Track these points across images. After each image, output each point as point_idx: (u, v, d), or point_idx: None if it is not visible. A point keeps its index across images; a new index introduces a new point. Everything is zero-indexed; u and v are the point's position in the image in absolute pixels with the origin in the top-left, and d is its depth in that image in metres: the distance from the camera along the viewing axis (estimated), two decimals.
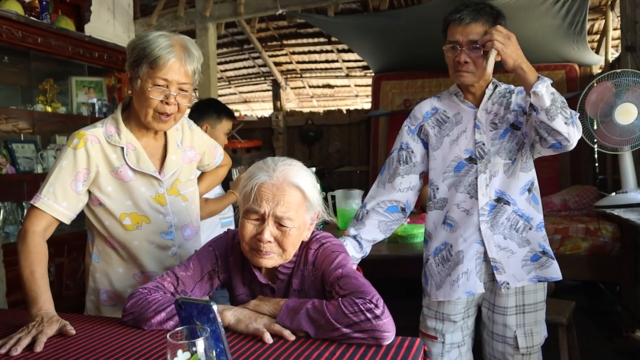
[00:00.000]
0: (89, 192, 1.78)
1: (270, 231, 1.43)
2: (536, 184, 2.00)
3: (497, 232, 1.94)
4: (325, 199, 3.42)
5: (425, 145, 2.09)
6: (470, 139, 1.97)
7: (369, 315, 1.24)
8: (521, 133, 1.96)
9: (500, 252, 1.94)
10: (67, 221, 1.73)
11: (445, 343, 2.03)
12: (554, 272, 1.97)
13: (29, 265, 1.63)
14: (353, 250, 2.07)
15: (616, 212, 3.32)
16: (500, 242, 1.94)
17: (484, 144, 1.96)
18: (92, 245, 1.88)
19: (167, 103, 1.71)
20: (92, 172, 1.77)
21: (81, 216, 1.83)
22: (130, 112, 1.85)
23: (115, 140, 1.81)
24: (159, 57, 1.67)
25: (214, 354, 1.01)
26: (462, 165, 1.98)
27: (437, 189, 2.04)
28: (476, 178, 1.95)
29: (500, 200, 1.94)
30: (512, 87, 2.04)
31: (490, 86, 2.01)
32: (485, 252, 1.95)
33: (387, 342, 1.25)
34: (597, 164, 5.46)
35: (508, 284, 1.93)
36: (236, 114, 7.60)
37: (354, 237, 2.10)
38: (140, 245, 1.82)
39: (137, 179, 1.80)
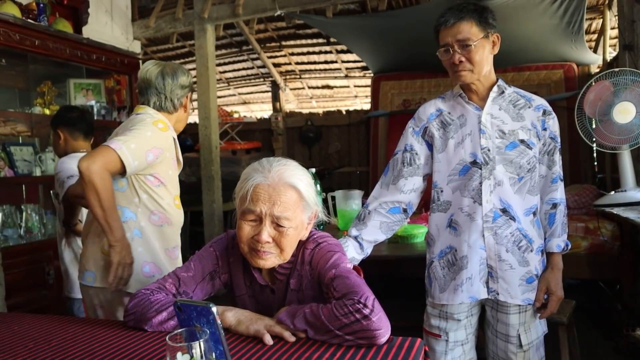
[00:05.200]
0: (151, 175, 2.08)
1: (267, 232, 1.43)
2: (538, 209, 2.01)
3: (501, 243, 1.93)
4: (325, 199, 3.44)
5: (430, 147, 2.08)
6: (476, 143, 1.96)
7: (357, 315, 1.24)
8: (534, 155, 1.95)
9: (499, 262, 1.93)
10: (129, 174, 2.00)
11: (449, 341, 2.03)
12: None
13: (110, 198, 1.90)
14: (354, 252, 2.06)
15: (615, 210, 3.32)
16: (502, 253, 1.93)
17: (489, 150, 1.94)
18: (134, 223, 2.07)
19: None
20: (163, 155, 2.08)
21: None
22: None
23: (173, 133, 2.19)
24: None
25: (214, 356, 1.01)
26: (467, 169, 1.97)
27: (442, 191, 2.04)
28: (480, 183, 1.94)
29: (507, 212, 1.93)
30: (531, 97, 2.02)
31: (496, 88, 1.99)
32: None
33: (381, 341, 1.24)
34: (596, 163, 5.47)
35: (498, 294, 1.94)
36: (235, 116, 7.61)
37: (355, 237, 2.09)
38: (180, 222, 2.21)
39: (178, 168, 2.23)
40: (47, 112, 4.15)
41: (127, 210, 2.07)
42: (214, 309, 1.04)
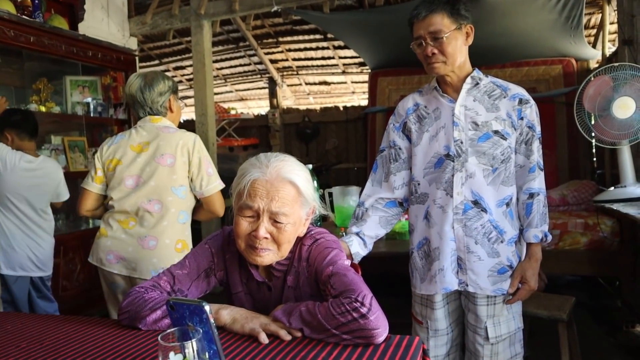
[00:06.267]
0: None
1: (265, 227, 1.41)
2: (514, 200, 1.98)
3: (470, 235, 1.95)
4: (322, 196, 3.41)
5: (410, 141, 2.11)
6: (450, 135, 1.97)
7: (355, 314, 1.22)
8: (508, 145, 1.94)
9: (467, 254, 1.95)
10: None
11: (429, 329, 2.08)
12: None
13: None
14: (358, 247, 2.07)
15: (615, 206, 3.30)
16: (471, 245, 1.95)
17: (462, 142, 1.95)
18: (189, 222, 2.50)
19: None
20: None
21: (76, 218, 1.84)
22: None
23: None
24: None
25: (207, 356, 0.99)
26: (442, 161, 1.99)
27: (418, 184, 2.06)
28: (452, 175, 1.96)
29: (478, 204, 1.94)
30: (507, 86, 2.00)
31: (469, 80, 1.99)
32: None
33: (379, 340, 1.22)
34: (595, 159, 5.45)
35: (467, 285, 1.96)
36: (232, 112, 7.58)
37: (357, 234, 2.09)
38: None
39: None
40: (44, 109, 4.13)
41: (186, 214, 2.45)
42: (207, 307, 1.02)
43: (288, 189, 1.42)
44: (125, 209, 2.35)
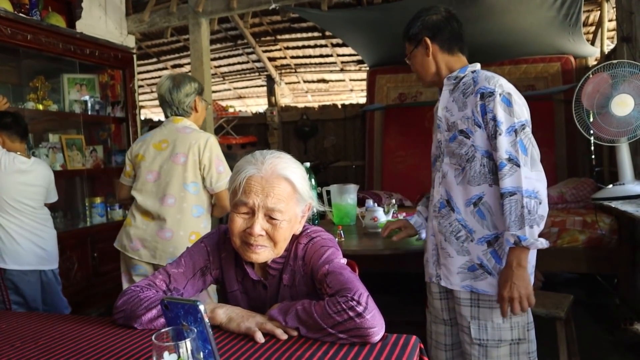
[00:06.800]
0: None
1: (260, 224, 1.40)
2: (486, 199, 1.91)
3: (442, 232, 2.02)
4: (320, 194, 3.40)
5: None
6: (435, 137, 2.09)
7: (351, 313, 1.21)
8: (472, 144, 1.91)
9: (441, 250, 2.03)
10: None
11: (431, 313, 2.16)
12: (488, 286, 1.91)
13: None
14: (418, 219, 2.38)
15: (613, 204, 3.29)
16: (442, 242, 2.02)
17: (440, 143, 2.05)
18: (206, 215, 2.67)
19: None
20: None
21: (73, 216, 1.83)
22: None
23: None
24: None
25: (202, 356, 0.98)
26: (434, 161, 2.11)
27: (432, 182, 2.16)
28: (435, 175, 2.08)
29: (449, 203, 1.99)
30: (478, 80, 1.93)
31: (446, 81, 2.04)
32: None
33: (375, 339, 1.21)
34: (593, 156, 5.44)
35: (440, 278, 2.03)
36: (230, 110, 7.57)
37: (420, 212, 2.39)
38: None
39: None
40: (41, 107, 4.11)
41: (201, 208, 2.63)
42: (201, 307, 1.01)
43: (283, 185, 1.42)
44: (145, 202, 2.60)
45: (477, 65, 2.05)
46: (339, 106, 7.74)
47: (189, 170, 2.56)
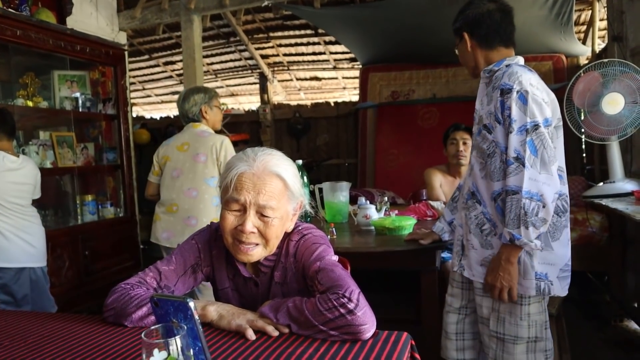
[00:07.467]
0: None
1: (252, 221, 1.39)
2: (505, 195, 1.89)
3: (467, 224, 2.03)
4: (312, 192, 3.40)
5: None
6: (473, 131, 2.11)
7: (342, 310, 1.21)
8: (493, 139, 1.92)
9: (466, 242, 2.05)
10: None
11: (447, 303, 2.19)
12: None
13: None
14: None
15: (604, 202, 3.30)
16: (467, 233, 2.03)
17: (472, 136, 2.09)
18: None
19: None
20: None
21: (64, 214, 1.81)
22: None
23: None
24: None
25: (192, 353, 0.97)
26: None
27: None
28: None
29: (474, 196, 2.00)
30: (502, 76, 1.92)
31: (483, 75, 2.04)
32: None
33: (366, 336, 1.21)
34: (584, 155, 5.47)
35: (463, 268, 2.05)
36: (223, 107, 7.54)
37: None
38: None
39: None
40: (31, 104, 4.07)
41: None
42: (191, 304, 1.00)
43: (275, 182, 1.41)
44: (170, 197, 3.14)
45: (516, 59, 2.00)
46: (332, 104, 7.74)
47: (209, 167, 3.09)
